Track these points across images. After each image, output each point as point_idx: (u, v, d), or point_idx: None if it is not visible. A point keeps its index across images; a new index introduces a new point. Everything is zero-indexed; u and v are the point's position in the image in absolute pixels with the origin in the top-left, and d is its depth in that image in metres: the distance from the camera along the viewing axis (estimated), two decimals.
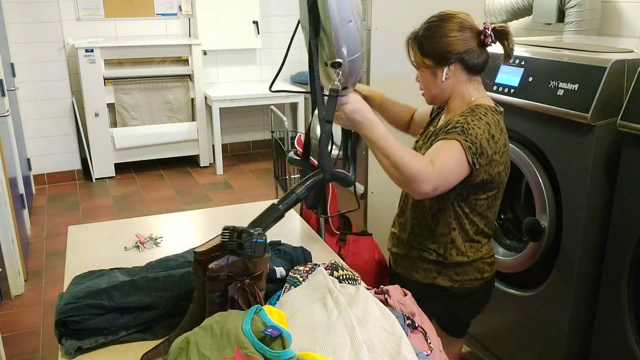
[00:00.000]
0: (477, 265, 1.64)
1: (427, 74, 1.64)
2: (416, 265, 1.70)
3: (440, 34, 1.60)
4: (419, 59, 1.64)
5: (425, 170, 1.45)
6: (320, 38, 1.38)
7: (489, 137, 1.53)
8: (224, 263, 1.15)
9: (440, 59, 1.59)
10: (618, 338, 1.72)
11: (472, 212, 1.60)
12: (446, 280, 1.65)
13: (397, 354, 1.05)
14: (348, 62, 1.38)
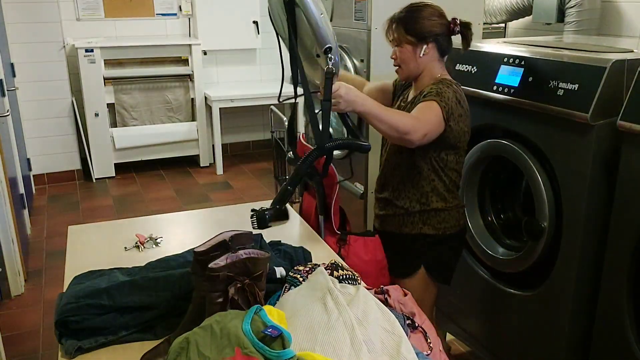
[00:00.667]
0: (454, 213, 1.94)
1: (407, 50, 1.89)
2: (404, 220, 1.95)
3: (422, 16, 1.88)
4: (402, 36, 1.89)
5: (414, 124, 1.76)
6: (300, 36, 1.56)
7: (456, 101, 1.84)
8: (224, 263, 1.15)
9: (421, 37, 1.87)
10: (618, 338, 1.72)
11: (446, 167, 1.89)
12: (431, 229, 1.92)
13: (397, 353, 1.05)
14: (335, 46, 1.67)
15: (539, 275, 1.94)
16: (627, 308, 1.69)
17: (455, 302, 2.41)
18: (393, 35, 1.92)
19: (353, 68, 2.81)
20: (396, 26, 1.90)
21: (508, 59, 1.97)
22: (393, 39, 1.92)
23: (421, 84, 1.93)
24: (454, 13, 2.81)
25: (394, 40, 1.92)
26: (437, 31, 1.87)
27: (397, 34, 1.90)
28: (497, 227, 2.21)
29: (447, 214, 1.92)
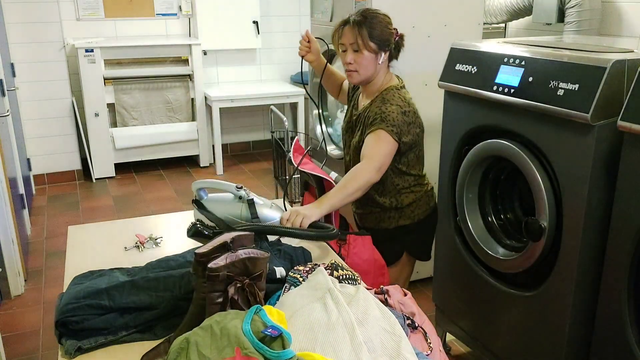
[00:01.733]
0: (424, 199, 2.13)
1: (368, 56, 1.94)
2: (381, 217, 2.11)
3: (384, 24, 1.95)
4: (366, 42, 1.92)
5: (370, 171, 1.89)
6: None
7: (401, 114, 1.95)
8: (223, 262, 1.15)
9: (383, 44, 1.95)
10: (618, 338, 1.72)
11: (409, 166, 2.04)
12: (407, 220, 2.10)
13: (397, 354, 1.05)
14: None
15: (539, 275, 1.94)
16: (627, 308, 1.69)
17: (455, 302, 2.41)
18: (355, 40, 1.92)
19: None
20: (359, 31, 1.91)
21: (508, 59, 1.97)
22: (353, 43, 1.93)
23: (371, 90, 2.04)
24: (454, 13, 2.82)
25: (353, 45, 1.93)
26: (393, 40, 1.98)
27: (360, 39, 1.91)
28: (497, 228, 2.21)
29: (418, 203, 2.11)
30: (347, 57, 1.95)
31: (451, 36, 2.74)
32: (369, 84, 2.03)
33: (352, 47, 1.93)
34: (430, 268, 2.76)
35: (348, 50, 1.95)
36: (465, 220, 2.23)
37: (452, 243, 2.34)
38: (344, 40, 1.95)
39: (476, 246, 2.20)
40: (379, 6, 2.63)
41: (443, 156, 2.35)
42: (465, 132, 2.19)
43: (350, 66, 1.96)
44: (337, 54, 2.06)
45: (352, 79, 2.01)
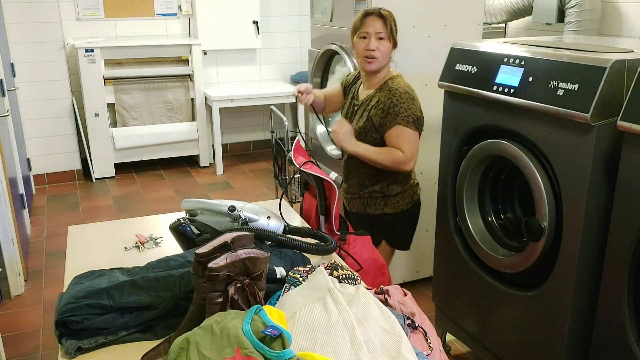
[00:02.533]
0: (410, 192, 2.32)
1: (387, 46, 2.17)
2: (368, 202, 2.32)
3: (395, 21, 2.19)
4: (390, 33, 2.16)
5: (401, 158, 2.15)
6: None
7: (412, 101, 2.17)
8: (223, 262, 1.15)
9: (395, 40, 2.21)
10: (618, 338, 1.72)
11: None
12: (391, 208, 2.30)
13: (397, 354, 1.05)
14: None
15: (539, 275, 1.94)
16: (627, 308, 1.69)
17: (455, 302, 2.41)
18: (382, 29, 2.14)
19: (353, 68, 2.81)
20: (386, 22, 2.14)
21: (508, 59, 1.97)
22: (380, 32, 2.13)
23: (375, 81, 2.24)
24: (455, 13, 2.82)
25: (380, 33, 2.13)
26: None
27: (387, 29, 2.14)
28: (497, 228, 2.21)
29: (403, 195, 2.30)
30: (371, 44, 2.13)
31: (451, 36, 2.74)
32: (375, 74, 2.22)
33: (378, 35, 2.13)
34: (430, 268, 2.76)
35: (372, 38, 2.13)
36: (465, 220, 2.23)
37: (452, 243, 2.34)
38: (368, 29, 2.13)
39: (476, 246, 2.20)
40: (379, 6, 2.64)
41: (443, 156, 2.35)
42: (465, 132, 2.19)
43: (374, 52, 2.13)
44: (352, 42, 2.24)
45: (370, 65, 2.17)
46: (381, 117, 2.16)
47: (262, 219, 1.64)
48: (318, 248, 1.59)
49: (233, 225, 1.58)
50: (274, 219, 1.68)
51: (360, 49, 2.17)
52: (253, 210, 1.64)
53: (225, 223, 1.59)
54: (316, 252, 1.59)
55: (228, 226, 1.58)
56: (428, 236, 3.08)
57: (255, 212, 1.65)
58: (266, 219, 1.65)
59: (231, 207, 1.60)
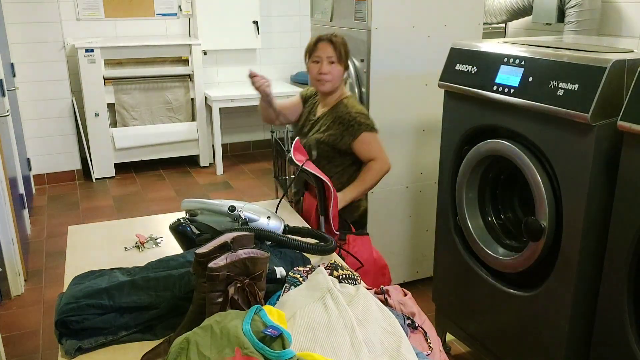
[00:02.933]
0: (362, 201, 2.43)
1: (340, 69, 2.32)
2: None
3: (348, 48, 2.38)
4: (342, 57, 2.31)
5: (382, 166, 2.31)
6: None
7: (368, 115, 2.35)
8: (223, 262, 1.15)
9: (347, 64, 2.37)
10: (618, 338, 1.72)
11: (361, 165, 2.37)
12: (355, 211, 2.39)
13: (397, 354, 1.05)
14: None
15: (539, 275, 1.94)
16: (627, 308, 1.69)
17: (455, 302, 2.41)
18: (333, 54, 2.29)
19: (353, 68, 2.81)
20: (337, 47, 2.30)
21: (508, 59, 1.97)
22: (331, 56, 2.29)
23: (330, 100, 2.37)
24: (454, 13, 2.82)
25: (331, 57, 2.29)
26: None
27: (337, 53, 2.29)
28: (497, 228, 2.21)
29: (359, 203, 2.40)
30: (323, 68, 2.29)
31: (451, 36, 2.74)
32: (330, 95, 2.36)
33: (329, 59, 2.28)
34: (430, 268, 2.76)
35: (324, 62, 2.29)
36: (465, 220, 2.23)
37: (452, 243, 2.34)
38: (320, 53, 2.30)
39: (476, 246, 2.20)
40: (379, 6, 2.64)
41: (443, 156, 2.35)
42: (465, 132, 2.19)
43: (326, 76, 2.29)
44: (306, 65, 2.37)
45: (323, 86, 2.32)
46: (342, 130, 2.28)
47: (262, 219, 1.64)
48: (318, 248, 1.59)
49: (233, 225, 1.58)
50: (274, 219, 1.68)
51: (313, 72, 2.32)
52: (253, 210, 1.64)
53: (225, 223, 1.59)
54: (316, 252, 1.59)
55: (228, 226, 1.58)
56: (428, 236, 3.08)
57: (255, 212, 1.65)
58: (266, 219, 1.65)
59: (231, 207, 1.60)
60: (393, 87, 2.80)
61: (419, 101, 2.87)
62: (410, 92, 2.85)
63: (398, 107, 2.83)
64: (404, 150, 2.91)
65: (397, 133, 2.87)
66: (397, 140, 2.87)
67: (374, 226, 2.95)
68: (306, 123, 2.45)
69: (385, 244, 2.98)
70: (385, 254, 2.95)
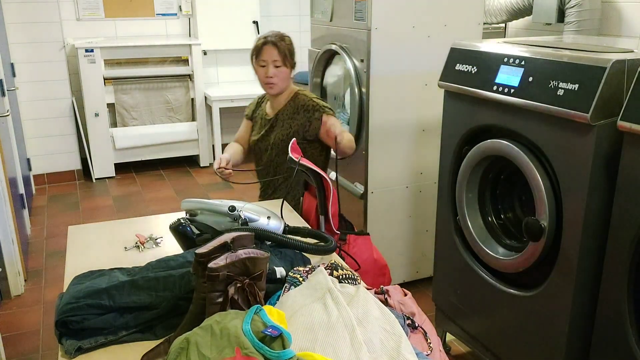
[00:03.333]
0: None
1: (286, 71, 2.37)
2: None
3: (293, 46, 2.42)
4: (287, 59, 2.36)
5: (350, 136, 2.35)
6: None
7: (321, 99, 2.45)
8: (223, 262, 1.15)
9: (294, 63, 2.42)
10: (618, 338, 1.72)
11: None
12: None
13: (397, 354, 1.05)
14: None
15: (539, 275, 1.94)
16: (627, 308, 1.69)
17: (455, 302, 2.41)
18: (278, 57, 2.33)
19: (353, 68, 2.81)
20: (281, 50, 2.33)
21: (508, 59, 1.97)
22: (276, 60, 2.33)
23: (280, 99, 2.44)
24: (454, 13, 2.82)
25: (276, 61, 2.33)
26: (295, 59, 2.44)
27: (282, 56, 2.33)
28: (497, 227, 2.21)
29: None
30: (269, 71, 2.34)
31: (451, 36, 2.74)
32: (279, 95, 2.43)
33: (275, 63, 2.34)
34: (430, 268, 2.76)
35: (269, 66, 2.34)
36: (465, 220, 2.23)
37: (452, 243, 2.34)
38: (266, 57, 2.34)
39: (476, 246, 2.20)
40: (379, 7, 2.64)
41: (443, 156, 2.35)
42: (465, 132, 2.19)
43: (273, 79, 2.35)
44: (253, 67, 2.42)
45: (272, 89, 2.39)
46: (308, 116, 2.38)
47: (262, 219, 1.64)
48: (318, 248, 1.59)
49: (233, 225, 1.58)
50: (274, 219, 1.68)
51: (261, 76, 2.39)
52: (253, 210, 1.64)
53: (225, 223, 1.59)
54: (316, 252, 1.59)
55: (228, 226, 1.58)
56: (428, 236, 3.08)
57: (255, 212, 1.65)
58: (266, 219, 1.65)
59: (231, 207, 1.60)
60: (393, 87, 2.80)
61: (419, 101, 2.87)
62: (410, 92, 2.85)
63: (398, 107, 2.83)
64: (404, 150, 2.91)
65: (397, 133, 2.87)
66: (397, 140, 2.88)
67: (374, 226, 2.95)
68: (262, 127, 2.50)
69: (385, 244, 2.98)
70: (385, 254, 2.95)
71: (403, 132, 2.89)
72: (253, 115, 2.59)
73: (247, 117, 2.61)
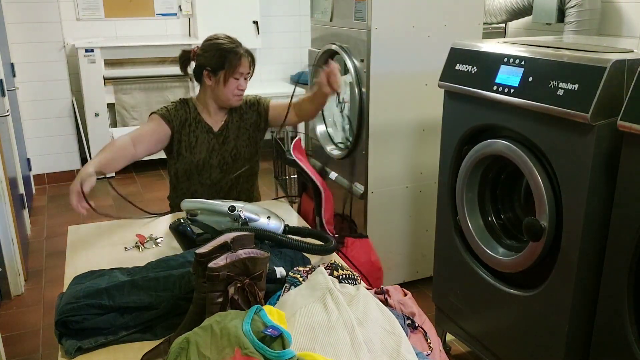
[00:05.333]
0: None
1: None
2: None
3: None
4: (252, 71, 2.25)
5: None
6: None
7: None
8: (223, 262, 1.15)
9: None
10: (618, 338, 1.72)
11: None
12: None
13: (397, 354, 1.05)
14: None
15: (539, 275, 1.94)
16: (627, 308, 1.69)
17: (455, 302, 2.41)
18: (250, 69, 2.23)
19: (353, 68, 2.81)
20: (253, 63, 2.24)
21: (508, 59, 1.97)
22: (249, 72, 2.23)
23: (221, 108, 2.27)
24: (454, 13, 2.82)
25: (249, 73, 2.23)
26: None
27: (253, 67, 2.24)
28: (497, 227, 2.21)
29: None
30: (242, 84, 2.21)
31: (451, 36, 2.74)
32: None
33: (248, 75, 2.23)
34: (430, 268, 2.76)
35: (242, 78, 2.20)
36: (465, 220, 2.23)
37: (452, 243, 2.34)
38: (243, 70, 2.20)
39: (476, 246, 2.20)
40: (379, 7, 2.64)
41: (443, 156, 2.35)
42: (465, 132, 2.19)
43: (243, 92, 2.23)
44: (223, 79, 2.19)
45: (239, 101, 2.25)
46: (255, 109, 2.32)
47: (262, 219, 1.64)
48: (318, 248, 1.59)
49: (233, 225, 1.58)
50: (274, 219, 1.68)
51: (231, 88, 2.19)
52: (253, 210, 1.64)
53: (225, 223, 1.60)
54: (316, 252, 1.59)
55: (228, 226, 1.58)
56: (428, 236, 3.08)
57: (255, 212, 1.65)
58: (266, 219, 1.65)
59: (231, 207, 1.60)
60: (393, 87, 2.80)
61: (419, 101, 2.87)
62: (410, 92, 2.85)
63: (398, 107, 2.83)
64: (404, 150, 2.91)
65: (397, 133, 2.87)
66: (397, 140, 2.88)
67: (374, 226, 2.95)
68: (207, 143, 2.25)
69: (385, 244, 2.98)
70: (385, 254, 2.96)
71: (403, 132, 2.89)
72: (177, 123, 2.21)
73: (165, 118, 2.18)
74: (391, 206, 2.98)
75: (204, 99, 2.24)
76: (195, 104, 2.25)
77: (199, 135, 2.23)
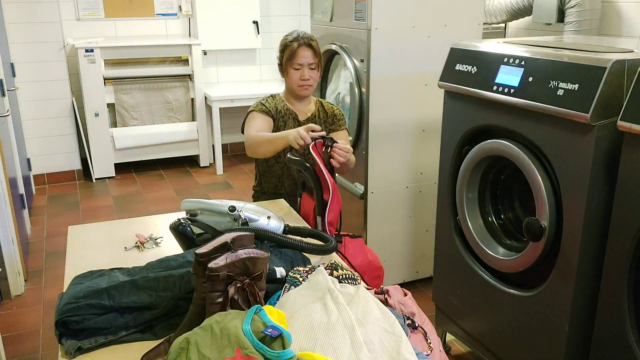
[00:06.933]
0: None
1: (318, 74, 2.40)
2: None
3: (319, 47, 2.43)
4: (320, 62, 2.40)
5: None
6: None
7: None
8: (223, 262, 1.15)
9: (322, 65, 2.44)
10: (618, 338, 1.72)
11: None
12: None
13: (397, 354, 1.05)
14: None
15: (539, 275, 1.94)
16: (627, 308, 1.69)
17: (455, 302, 2.41)
18: (315, 59, 2.35)
19: (353, 68, 2.81)
20: (317, 53, 2.36)
21: (508, 59, 1.97)
22: (312, 63, 2.35)
23: (309, 102, 2.46)
24: (455, 13, 2.83)
25: (312, 64, 2.35)
26: None
27: (318, 60, 2.37)
28: (497, 228, 2.21)
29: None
30: (305, 74, 2.34)
31: (451, 36, 2.74)
32: (308, 97, 2.44)
33: (311, 66, 2.34)
34: (430, 268, 2.76)
35: (305, 69, 2.33)
36: (465, 220, 2.23)
37: (452, 243, 2.35)
38: (302, 61, 2.32)
39: (476, 246, 2.20)
40: (379, 7, 2.64)
41: (443, 156, 2.35)
42: (465, 132, 2.19)
43: (309, 82, 2.36)
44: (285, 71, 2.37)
45: (307, 91, 2.39)
46: (336, 123, 2.47)
47: (262, 219, 1.64)
48: (318, 248, 1.59)
49: (233, 225, 1.58)
50: (274, 219, 1.68)
51: (295, 79, 2.35)
52: (253, 210, 1.64)
53: (225, 223, 1.59)
54: (316, 252, 1.59)
55: (228, 226, 1.58)
56: (428, 236, 3.08)
57: (255, 212, 1.65)
58: (266, 219, 1.65)
59: (231, 207, 1.60)
60: (393, 87, 2.80)
61: (419, 101, 2.87)
62: (410, 92, 2.85)
63: (398, 107, 2.83)
64: (404, 150, 2.91)
65: (397, 133, 2.87)
66: (397, 140, 2.88)
67: (374, 226, 2.95)
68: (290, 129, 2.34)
69: (385, 244, 2.98)
70: (385, 254, 2.96)
71: (403, 132, 2.89)
72: (274, 112, 2.41)
73: (268, 113, 2.38)
74: (391, 206, 2.98)
75: (285, 91, 2.48)
76: (282, 97, 2.47)
77: (287, 120, 2.42)
